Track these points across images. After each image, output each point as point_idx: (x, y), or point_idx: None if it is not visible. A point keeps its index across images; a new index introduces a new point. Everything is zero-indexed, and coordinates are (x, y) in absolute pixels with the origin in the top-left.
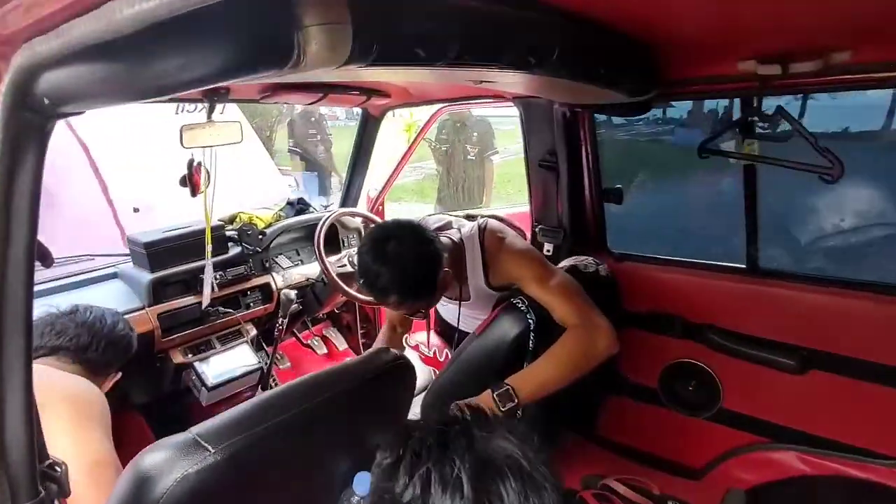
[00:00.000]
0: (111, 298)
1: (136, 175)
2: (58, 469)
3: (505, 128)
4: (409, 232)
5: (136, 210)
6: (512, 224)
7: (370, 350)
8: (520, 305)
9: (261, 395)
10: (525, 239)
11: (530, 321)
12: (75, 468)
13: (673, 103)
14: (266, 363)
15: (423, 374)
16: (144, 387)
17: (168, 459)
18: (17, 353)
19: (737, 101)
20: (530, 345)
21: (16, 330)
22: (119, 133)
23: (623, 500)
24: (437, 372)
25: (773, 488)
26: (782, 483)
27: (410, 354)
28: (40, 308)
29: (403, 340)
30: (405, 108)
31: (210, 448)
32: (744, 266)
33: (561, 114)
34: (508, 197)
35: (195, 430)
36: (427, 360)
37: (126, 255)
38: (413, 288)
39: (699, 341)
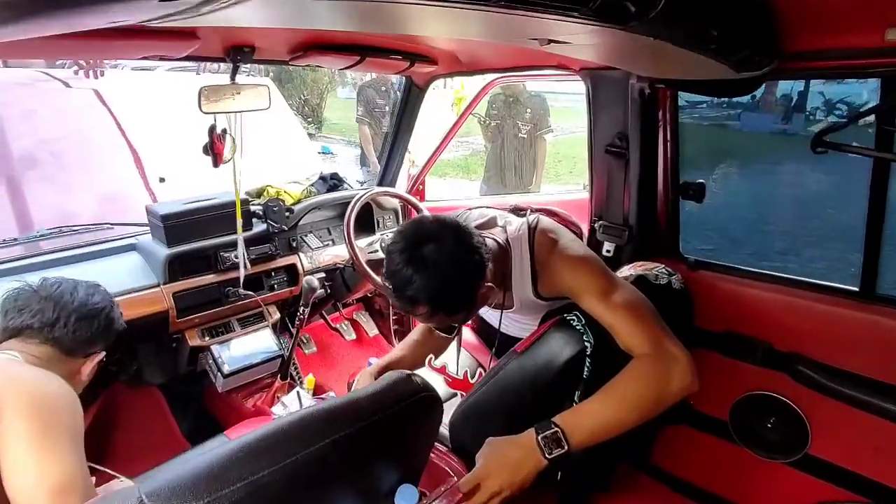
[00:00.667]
0: (126, 272)
1: (163, 143)
2: None
3: (556, 104)
4: (452, 235)
5: (161, 180)
6: (567, 220)
7: (388, 376)
8: (575, 323)
9: (241, 440)
10: (581, 237)
11: (587, 344)
12: (39, 493)
13: None
14: (288, 350)
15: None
16: (159, 368)
17: None
18: None
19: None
20: (584, 373)
21: None
22: (145, 100)
23: None
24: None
25: None
26: None
27: (433, 378)
28: (8, 284)
29: (427, 362)
30: (454, 79)
31: None
32: (856, 289)
33: (638, 90)
34: (559, 178)
35: (147, 485)
36: (454, 384)
37: (146, 224)
38: (448, 302)
39: (786, 372)
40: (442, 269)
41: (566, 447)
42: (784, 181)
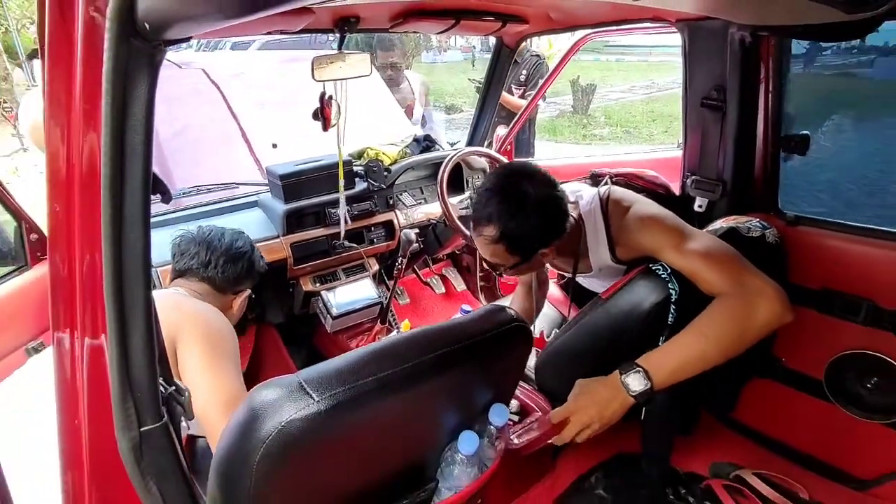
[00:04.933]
0: (251, 226)
1: (274, 113)
2: (182, 394)
3: (652, 58)
4: (547, 185)
5: (274, 146)
6: (654, 182)
7: (487, 307)
8: (660, 272)
9: (369, 347)
10: (671, 196)
11: (672, 291)
12: (212, 405)
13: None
14: (386, 298)
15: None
16: (279, 308)
17: (276, 401)
18: (137, 284)
19: None
20: (669, 319)
21: (136, 263)
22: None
23: (759, 498)
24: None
25: None
26: None
27: None
28: (175, 233)
29: None
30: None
31: (314, 396)
32: None
33: (738, 40)
34: (651, 139)
35: (303, 374)
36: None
37: (266, 184)
38: (516, 234)
39: (891, 331)
40: (527, 204)
41: (649, 384)
42: None
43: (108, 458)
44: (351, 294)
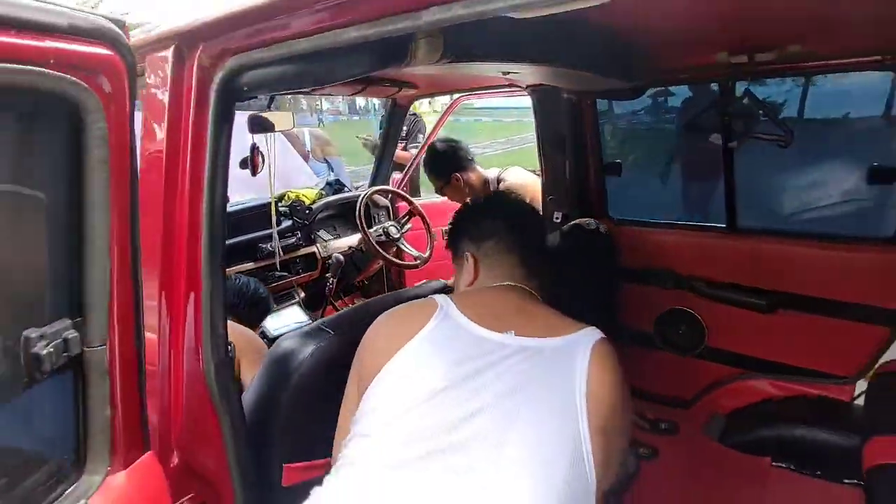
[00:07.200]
0: None
1: None
2: (230, 344)
3: (507, 120)
4: (449, 146)
5: None
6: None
7: (426, 282)
8: None
9: (346, 309)
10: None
11: None
12: None
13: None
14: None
15: None
16: None
17: (301, 341)
18: (216, 258)
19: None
20: None
21: (218, 242)
22: None
23: None
24: None
25: (748, 410)
26: (755, 405)
27: None
28: None
29: None
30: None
31: (331, 332)
32: (724, 225)
33: (568, 100)
34: None
35: (318, 321)
36: None
37: None
38: (430, 165)
39: (687, 290)
40: (436, 152)
41: None
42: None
43: (194, 384)
44: (284, 320)
